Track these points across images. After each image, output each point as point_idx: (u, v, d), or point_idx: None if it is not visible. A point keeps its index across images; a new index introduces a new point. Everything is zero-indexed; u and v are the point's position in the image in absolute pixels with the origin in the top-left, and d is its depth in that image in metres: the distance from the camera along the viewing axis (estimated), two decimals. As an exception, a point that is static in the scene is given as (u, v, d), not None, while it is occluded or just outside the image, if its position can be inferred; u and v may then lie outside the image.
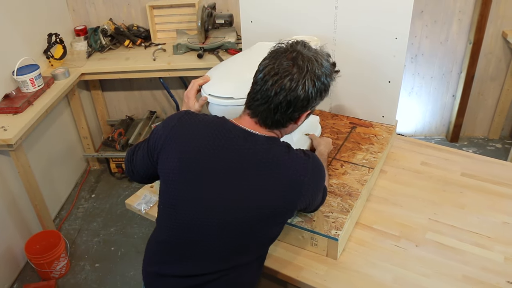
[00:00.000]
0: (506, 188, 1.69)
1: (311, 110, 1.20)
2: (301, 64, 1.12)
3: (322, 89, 1.16)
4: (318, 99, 1.17)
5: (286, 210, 1.17)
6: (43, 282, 2.49)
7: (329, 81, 1.19)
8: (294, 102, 1.13)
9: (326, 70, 1.17)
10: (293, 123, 1.20)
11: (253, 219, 1.13)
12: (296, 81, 1.11)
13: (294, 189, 1.14)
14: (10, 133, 2.23)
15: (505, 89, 3.27)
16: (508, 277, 1.34)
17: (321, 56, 1.18)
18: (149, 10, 3.15)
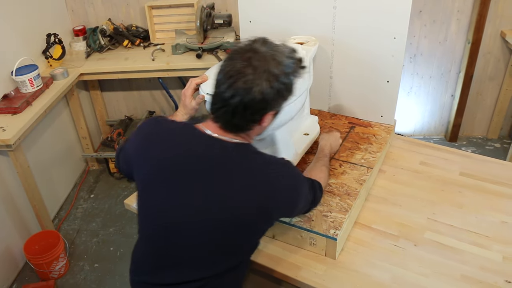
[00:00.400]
0: (505, 187, 1.69)
1: (276, 111, 1.15)
2: (256, 64, 1.06)
3: (283, 89, 1.10)
4: (280, 99, 1.12)
5: (260, 218, 1.13)
6: (42, 283, 2.49)
7: (292, 79, 1.13)
8: (250, 105, 1.07)
9: (286, 68, 1.10)
10: (257, 125, 1.14)
11: (226, 226, 1.11)
12: (250, 82, 1.05)
13: (265, 196, 1.10)
14: (9, 133, 2.23)
15: (504, 88, 3.27)
16: (507, 276, 1.34)
17: (281, 54, 1.11)
18: (148, 10, 3.14)
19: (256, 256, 1.45)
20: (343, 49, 1.87)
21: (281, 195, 1.14)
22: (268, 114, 1.12)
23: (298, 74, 1.15)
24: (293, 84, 1.13)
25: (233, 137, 1.15)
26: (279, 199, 1.13)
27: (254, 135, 1.19)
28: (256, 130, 1.17)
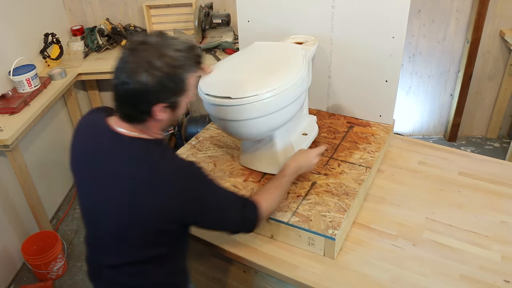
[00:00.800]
0: (504, 187, 1.69)
1: (167, 104, 1.12)
2: (139, 55, 1.07)
3: (167, 82, 1.08)
4: (165, 92, 1.09)
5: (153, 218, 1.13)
6: (40, 283, 2.48)
7: (180, 73, 1.10)
8: (132, 95, 1.08)
9: (172, 61, 1.08)
10: (150, 118, 1.13)
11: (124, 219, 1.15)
12: (131, 72, 1.06)
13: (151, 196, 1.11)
14: (6, 134, 2.22)
15: (503, 88, 3.27)
16: (505, 276, 1.33)
17: (169, 47, 1.09)
18: (146, 10, 3.14)
19: (255, 256, 1.44)
20: (342, 48, 1.87)
21: (169, 198, 1.12)
22: (158, 106, 1.10)
23: (190, 69, 1.13)
24: (182, 78, 1.11)
25: (131, 130, 1.16)
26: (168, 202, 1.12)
27: (155, 128, 1.18)
28: (153, 123, 1.15)
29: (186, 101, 1.17)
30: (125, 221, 1.15)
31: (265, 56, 1.60)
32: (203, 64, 1.21)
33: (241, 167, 1.71)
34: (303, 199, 1.54)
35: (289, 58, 1.57)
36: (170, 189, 1.11)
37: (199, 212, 1.19)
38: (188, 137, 3.19)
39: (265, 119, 1.42)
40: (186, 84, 1.12)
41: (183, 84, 1.12)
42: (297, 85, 1.47)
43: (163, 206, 1.12)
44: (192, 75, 1.14)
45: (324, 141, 1.83)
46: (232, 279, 1.64)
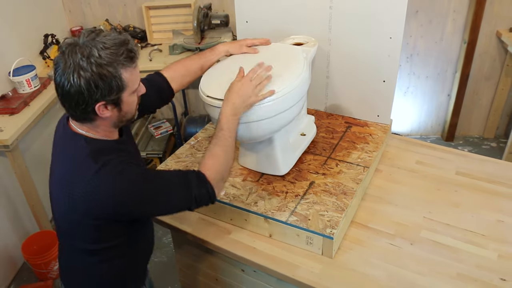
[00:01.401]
0: (501, 186, 1.70)
1: (106, 101, 1.13)
2: (67, 57, 1.08)
3: (97, 80, 1.08)
4: (99, 90, 1.10)
5: (81, 214, 1.16)
6: (40, 283, 2.49)
7: (111, 70, 1.09)
8: (68, 96, 1.10)
9: (100, 60, 1.08)
10: (96, 116, 1.15)
11: (69, 216, 1.21)
12: (61, 75, 1.08)
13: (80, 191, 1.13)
14: (6, 134, 2.23)
15: (500, 88, 3.29)
16: (502, 274, 1.35)
17: (98, 45, 1.09)
18: (145, 11, 3.15)
19: (253, 255, 1.45)
20: (340, 49, 1.88)
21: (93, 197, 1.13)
22: (98, 105, 1.12)
23: (122, 65, 1.12)
24: (114, 75, 1.10)
25: (83, 128, 1.20)
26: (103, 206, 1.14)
27: (104, 126, 1.20)
28: (101, 122, 1.18)
29: (130, 95, 1.17)
30: (67, 219, 1.22)
31: (266, 58, 1.60)
32: (137, 56, 1.17)
33: (239, 167, 1.72)
34: (301, 198, 1.55)
35: (290, 61, 1.57)
36: (105, 194, 1.12)
37: (143, 208, 1.20)
38: (187, 137, 3.20)
39: (265, 122, 1.42)
40: (121, 80, 1.12)
41: (118, 80, 1.11)
42: (298, 89, 1.46)
43: (99, 211, 1.15)
44: (127, 70, 1.13)
45: (322, 141, 1.84)
46: (231, 278, 1.65)
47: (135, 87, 1.18)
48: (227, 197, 1.58)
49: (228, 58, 1.65)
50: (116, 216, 1.18)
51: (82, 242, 1.25)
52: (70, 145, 1.20)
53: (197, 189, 1.24)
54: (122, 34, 1.16)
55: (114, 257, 1.29)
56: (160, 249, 2.75)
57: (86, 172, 1.12)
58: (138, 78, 1.20)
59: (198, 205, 1.27)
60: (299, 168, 1.69)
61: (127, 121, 1.24)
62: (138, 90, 1.21)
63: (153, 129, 3.46)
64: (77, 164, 1.15)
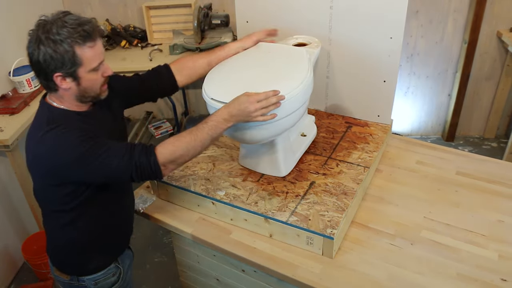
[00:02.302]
0: (501, 186, 1.70)
1: (64, 73, 1.24)
2: (34, 32, 1.23)
3: (50, 52, 1.20)
4: (54, 62, 1.22)
5: (39, 177, 1.33)
6: (40, 283, 2.49)
7: (64, 46, 1.21)
8: (32, 66, 1.26)
9: (55, 36, 1.20)
10: (57, 86, 1.27)
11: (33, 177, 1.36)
12: (28, 47, 1.23)
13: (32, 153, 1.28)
14: (6, 134, 2.23)
15: (500, 88, 3.29)
16: (502, 274, 1.35)
17: (58, 23, 1.22)
18: (145, 11, 3.15)
19: (253, 255, 1.45)
20: (340, 49, 1.88)
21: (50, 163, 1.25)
22: (56, 76, 1.24)
23: (76, 42, 1.22)
24: (67, 50, 1.21)
25: (50, 97, 1.34)
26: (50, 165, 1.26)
27: (67, 97, 1.31)
28: (63, 93, 1.29)
29: (88, 72, 1.27)
30: (32, 177, 1.36)
31: (270, 60, 1.59)
32: (92, 37, 1.26)
33: (240, 167, 1.72)
34: (301, 198, 1.55)
35: (295, 63, 1.56)
36: (47, 155, 1.24)
37: (82, 170, 1.26)
38: (187, 137, 3.19)
39: (269, 126, 1.42)
40: (75, 56, 1.23)
41: (71, 55, 1.22)
42: (302, 92, 1.46)
43: (47, 169, 1.27)
44: (82, 48, 1.23)
45: (323, 141, 1.84)
46: (231, 278, 1.65)
47: (93, 65, 1.28)
48: (228, 197, 1.58)
49: (232, 58, 1.64)
50: (61, 178, 1.28)
51: (52, 204, 1.39)
52: (37, 111, 1.35)
53: (139, 158, 1.27)
54: (86, 18, 1.27)
55: (85, 222, 1.39)
56: (161, 249, 2.75)
57: (36, 135, 1.26)
58: (97, 58, 1.29)
59: (139, 175, 1.29)
60: (300, 168, 1.69)
61: (91, 97, 1.33)
62: (101, 70, 1.32)
63: (153, 129, 3.46)
64: (35, 128, 1.29)
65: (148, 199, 1.71)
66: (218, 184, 1.64)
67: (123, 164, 1.26)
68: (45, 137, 1.24)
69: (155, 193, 1.74)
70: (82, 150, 1.23)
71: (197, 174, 1.69)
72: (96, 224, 1.41)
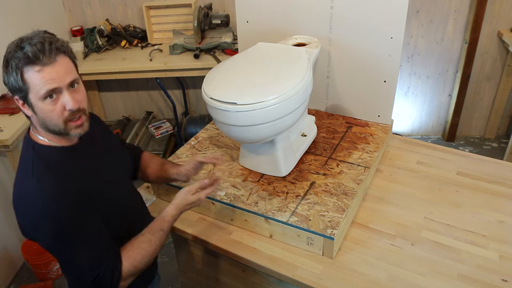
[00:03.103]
0: (501, 186, 1.70)
1: (16, 96, 1.12)
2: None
3: (4, 76, 1.11)
4: (7, 85, 1.12)
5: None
6: (40, 283, 2.48)
7: (9, 70, 1.10)
8: None
9: (8, 54, 1.13)
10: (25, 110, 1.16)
11: None
12: None
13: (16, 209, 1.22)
14: (6, 134, 2.23)
15: (501, 88, 3.28)
16: (503, 275, 1.34)
17: (20, 40, 1.16)
18: (145, 11, 3.15)
19: (254, 255, 1.45)
20: (340, 49, 1.87)
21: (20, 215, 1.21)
22: (15, 97, 1.13)
23: (19, 66, 1.09)
24: (12, 74, 1.09)
25: (32, 129, 1.22)
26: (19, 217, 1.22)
27: (37, 126, 1.17)
28: (32, 119, 1.17)
29: (40, 101, 1.09)
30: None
31: (270, 60, 1.59)
32: (38, 59, 1.09)
33: (240, 167, 1.72)
34: (302, 199, 1.54)
35: (294, 63, 1.56)
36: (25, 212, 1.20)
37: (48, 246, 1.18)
38: (188, 137, 3.19)
39: (269, 125, 1.41)
40: (21, 80, 1.07)
41: (17, 79, 1.08)
42: (302, 92, 1.46)
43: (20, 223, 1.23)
44: (27, 72, 1.08)
45: (323, 141, 1.84)
46: (231, 278, 1.65)
47: (42, 93, 1.08)
48: (228, 197, 1.57)
49: (232, 58, 1.63)
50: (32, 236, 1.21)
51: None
52: (22, 150, 1.21)
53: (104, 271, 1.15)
54: (49, 36, 1.18)
55: None
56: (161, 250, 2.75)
57: (21, 183, 1.18)
58: (46, 84, 1.08)
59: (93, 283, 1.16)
60: (300, 169, 1.69)
61: (57, 131, 1.15)
62: (59, 100, 1.11)
63: (153, 129, 3.46)
64: (21, 171, 1.19)
65: (148, 199, 1.71)
66: (218, 184, 1.63)
67: (85, 269, 1.14)
68: (28, 192, 1.15)
69: (155, 193, 1.74)
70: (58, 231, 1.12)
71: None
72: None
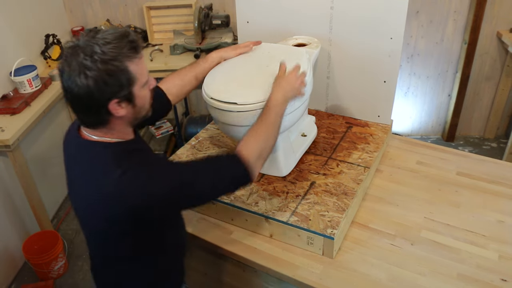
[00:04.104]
0: (501, 186, 1.70)
1: (119, 98, 1.07)
2: (70, 60, 1.04)
3: (104, 76, 1.03)
4: (110, 87, 1.05)
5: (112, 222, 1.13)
6: (41, 282, 2.49)
7: (116, 64, 1.05)
8: (79, 99, 1.06)
9: (104, 56, 1.03)
10: (111, 117, 1.10)
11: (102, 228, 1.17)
12: (68, 79, 1.04)
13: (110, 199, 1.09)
14: (7, 134, 2.24)
15: (500, 88, 3.29)
16: (502, 275, 1.35)
17: (99, 42, 1.05)
18: (146, 11, 3.15)
19: (254, 255, 1.46)
20: (340, 49, 1.88)
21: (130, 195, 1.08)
22: (111, 103, 1.07)
23: (127, 57, 1.07)
24: (121, 69, 1.06)
25: (94, 133, 1.14)
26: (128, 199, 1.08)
27: (120, 126, 1.15)
28: (117, 121, 1.13)
29: (141, 89, 1.12)
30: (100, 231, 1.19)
31: (270, 60, 1.59)
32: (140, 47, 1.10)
33: (241, 167, 1.72)
34: (302, 198, 1.55)
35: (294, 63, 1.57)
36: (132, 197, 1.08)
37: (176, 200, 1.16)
38: (188, 137, 3.20)
39: None
40: (130, 72, 1.07)
41: (126, 74, 1.07)
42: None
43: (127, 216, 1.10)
44: (133, 62, 1.08)
45: (323, 141, 1.84)
46: (231, 278, 1.65)
47: (145, 79, 1.12)
48: (228, 197, 1.58)
49: (229, 60, 1.64)
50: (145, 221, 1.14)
51: (115, 251, 1.23)
52: (87, 156, 1.14)
53: (231, 171, 1.22)
54: (119, 29, 1.11)
55: (148, 264, 1.27)
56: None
57: (111, 178, 1.07)
58: (146, 70, 1.13)
59: (236, 187, 1.26)
60: (300, 169, 1.69)
61: (142, 118, 1.18)
62: (148, 83, 1.15)
63: (154, 129, 3.46)
64: (100, 173, 1.10)
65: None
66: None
67: (218, 184, 1.20)
68: (123, 182, 1.07)
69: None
70: (171, 187, 1.12)
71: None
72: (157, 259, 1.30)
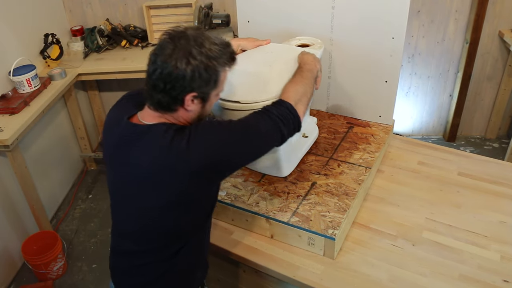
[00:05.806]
0: (503, 187, 1.70)
1: (197, 93, 1.13)
2: (178, 43, 1.10)
3: (202, 70, 1.10)
4: (198, 81, 1.11)
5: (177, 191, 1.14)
6: (40, 283, 2.48)
7: (215, 64, 1.12)
8: (167, 80, 1.10)
9: (209, 52, 1.11)
10: (180, 106, 1.15)
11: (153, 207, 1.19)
12: (168, 57, 1.09)
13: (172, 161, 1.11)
14: (6, 134, 2.23)
15: (502, 88, 3.28)
16: (504, 276, 1.34)
17: (207, 40, 1.13)
18: (145, 10, 3.14)
19: (255, 255, 1.45)
20: (342, 49, 1.87)
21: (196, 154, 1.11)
22: (189, 95, 1.12)
23: (224, 62, 1.15)
24: (216, 70, 1.13)
25: (157, 119, 1.17)
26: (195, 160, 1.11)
27: (182, 119, 1.18)
28: (183, 114, 1.17)
29: (215, 96, 1.20)
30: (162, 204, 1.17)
31: (273, 60, 1.58)
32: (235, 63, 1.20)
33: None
34: (303, 199, 1.54)
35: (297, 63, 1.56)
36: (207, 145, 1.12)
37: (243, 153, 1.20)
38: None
39: None
40: (218, 77, 1.15)
41: (216, 76, 1.14)
42: None
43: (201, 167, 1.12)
44: (225, 70, 1.17)
45: (324, 142, 1.84)
46: (232, 278, 1.64)
47: (222, 89, 1.21)
48: (229, 197, 1.57)
49: None
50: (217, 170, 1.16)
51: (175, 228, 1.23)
52: (150, 134, 1.15)
53: (277, 111, 1.25)
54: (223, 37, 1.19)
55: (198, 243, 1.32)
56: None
57: (180, 143, 1.10)
58: (225, 83, 1.22)
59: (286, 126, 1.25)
60: (301, 169, 1.68)
61: (199, 121, 1.21)
62: (219, 95, 1.23)
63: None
64: (167, 142, 1.11)
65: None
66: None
67: (271, 124, 1.22)
68: (194, 136, 1.11)
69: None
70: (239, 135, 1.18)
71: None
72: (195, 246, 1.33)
